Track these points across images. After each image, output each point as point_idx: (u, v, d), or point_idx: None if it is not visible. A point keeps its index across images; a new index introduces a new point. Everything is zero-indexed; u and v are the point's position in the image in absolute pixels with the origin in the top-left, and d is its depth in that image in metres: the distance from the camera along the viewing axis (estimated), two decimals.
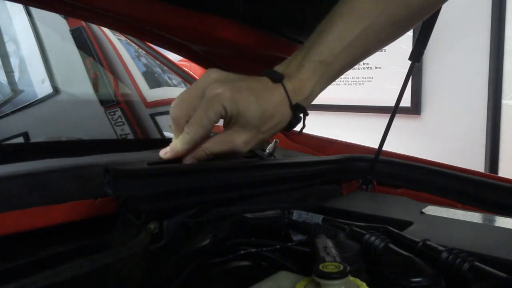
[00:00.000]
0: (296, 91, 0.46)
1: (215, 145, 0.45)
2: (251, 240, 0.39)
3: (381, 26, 0.47)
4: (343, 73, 0.49)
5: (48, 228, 0.31)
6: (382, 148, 0.64)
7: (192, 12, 0.53)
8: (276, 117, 0.46)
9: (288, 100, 0.46)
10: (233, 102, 0.43)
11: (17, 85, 1.03)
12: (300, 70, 0.47)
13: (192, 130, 0.43)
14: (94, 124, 0.97)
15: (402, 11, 0.47)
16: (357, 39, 0.46)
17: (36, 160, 0.39)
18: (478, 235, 0.44)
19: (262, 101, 0.44)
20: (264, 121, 0.45)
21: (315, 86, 0.47)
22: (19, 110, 0.96)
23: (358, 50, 0.47)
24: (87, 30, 1.20)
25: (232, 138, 0.45)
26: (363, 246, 0.36)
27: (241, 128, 0.45)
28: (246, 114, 0.44)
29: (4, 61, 1.05)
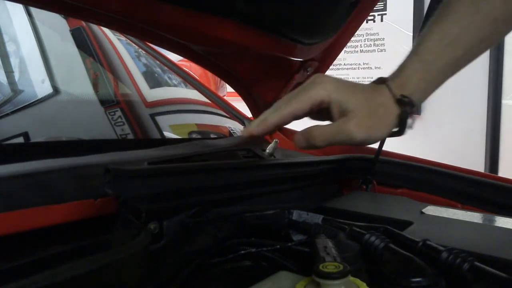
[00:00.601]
0: (399, 87, 0.47)
1: (324, 135, 0.44)
2: (251, 240, 0.39)
3: (480, 25, 0.48)
4: (451, 74, 0.49)
5: (48, 228, 0.31)
6: (382, 148, 0.64)
7: (192, 12, 0.53)
8: (382, 109, 0.46)
9: (391, 94, 0.46)
10: (337, 89, 0.44)
11: (17, 85, 1.03)
12: (401, 71, 0.48)
13: (290, 104, 0.44)
14: (94, 124, 0.97)
15: (499, 10, 0.48)
16: (456, 39, 0.47)
17: (36, 160, 0.39)
18: (478, 235, 0.44)
19: (367, 94, 0.46)
20: (371, 110, 0.45)
21: (419, 83, 0.47)
22: (19, 110, 0.95)
23: (460, 50, 0.48)
24: (87, 30, 1.20)
25: (341, 126, 0.44)
26: (363, 246, 0.36)
27: (351, 116, 0.44)
28: (350, 101, 0.44)
29: (4, 61, 1.05)
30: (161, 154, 0.50)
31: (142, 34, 0.65)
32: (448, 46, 0.47)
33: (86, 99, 1.05)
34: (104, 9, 0.51)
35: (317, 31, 0.65)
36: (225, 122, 1.04)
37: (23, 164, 0.37)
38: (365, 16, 0.69)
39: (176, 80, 1.40)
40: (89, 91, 1.07)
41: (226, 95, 1.71)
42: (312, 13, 0.60)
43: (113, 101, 1.05)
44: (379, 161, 0.63)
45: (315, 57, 0.73)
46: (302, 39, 0.64)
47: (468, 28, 0.47)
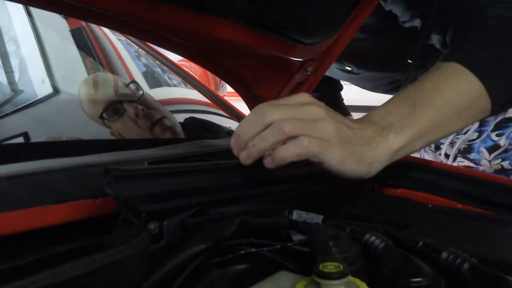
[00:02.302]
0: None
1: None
2: (251, 240, 0.39)
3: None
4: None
5: (48, 228, 0.31)
6: None
7: (192, 12, 0.53)
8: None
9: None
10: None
11: (17, 85, 1.03)
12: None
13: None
14: (94, 124, 0.97)
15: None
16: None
17: (36, 160, 0.39)
18: (478, 235, 0.44)
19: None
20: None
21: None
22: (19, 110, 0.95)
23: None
24: (87, 30, 1.20)
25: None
26: (363, 246, 0.36)
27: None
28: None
29: (4, 61, 1.05)
30: (161, 154, 0.50)
31: (142, 34, 0.65)
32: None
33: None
34: (104, 9, 0.51)
35: (317, 31, 0.65)
36: (225, 122, 1.04)
37: (23, 164, 0.37)
38: (365, 16, 0.69)
39: (176, 80, 1.40)
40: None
41: (226, 95, 1.72)
42: (312, 13, 0.60)
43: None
44: None
45: (315, 57, 0.73)
46: (302, 39, 0.64)
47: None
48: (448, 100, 0.54)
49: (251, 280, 0.31)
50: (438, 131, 0.54)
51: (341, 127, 0.46)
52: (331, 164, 0.44)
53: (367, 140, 0.48)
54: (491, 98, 0.57)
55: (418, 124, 0.52)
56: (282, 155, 0.42)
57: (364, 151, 0.47)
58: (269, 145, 0.42)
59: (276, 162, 0.42)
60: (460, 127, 0.58)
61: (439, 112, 0.53)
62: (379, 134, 0.49)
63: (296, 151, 0.42)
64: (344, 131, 0.46)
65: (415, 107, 0.52)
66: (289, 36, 0.62)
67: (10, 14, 1.10)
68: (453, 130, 0.57)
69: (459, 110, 0.55)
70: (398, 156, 0.51)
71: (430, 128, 0.52)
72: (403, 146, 0.51)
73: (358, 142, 0.47)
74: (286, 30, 0.61)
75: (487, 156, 0.92)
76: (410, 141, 0.51)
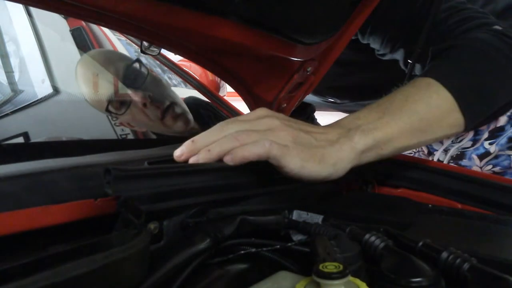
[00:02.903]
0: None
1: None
2: (251, 240, 0.39)
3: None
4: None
5: (48, 228, 0.31)
6: None
7: (192, 12, 0.53)
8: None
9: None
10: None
11: (17, 85, 1.03)
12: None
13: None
14: (94, 124, 0.97)
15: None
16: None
17: (36, 160, 0.39)
18: (478, 235, 0.44)
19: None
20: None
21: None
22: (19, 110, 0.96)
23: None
24: (87, 30, 1.20)
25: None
26: (363, 246, 0.36)
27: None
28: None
29: (4, 61, 1.05)
30: (161, 154, 0.50)
31: (142, 34, 0.65)
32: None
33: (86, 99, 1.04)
34: (104, 9, 0.51)
35: (317, 31, 0.64)
36: None
37: (23, 164, 0.37)
38: (365, 16, 0.69)
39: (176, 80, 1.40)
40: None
41: (226, 95, 1.72)
42: (312, 13, 0.60)
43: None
44: (379, 161, 0.63)
45: (315, 57, 0.73)
46: (302, 39, 0.64)
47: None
48: (417, 110, 0.55)
49: (251, 280, 0.31)
50: (406, 139, 0.54)
51: (297, 133, 0.47)
52: (291, 169, 0.45)
53: (330, 142, 0.49)
54: (463, 114, 0.57)
55: (385, 129, 0.52)
56: (243, 153, 0.43)
57: (326, 153, 0.48)
58: (223, 150, 0.44)
59: (236, 159, 0.43)
60: (430, 139, 0.58)
61: (407, 121, 0.54)
62: (344, 135, 0.51)
63: (256, 151, 0.43)
64: (301, 136, 0.48)
65: (384, 114, 0.54)
66: (289, 36, 0.62)
67: (10, 14, 1.10)
68: (423, 140, 0.57)
69: (428, 121, 0.56)
70: (366, 158, 0.52)
71: (397, 135, 0.53)
72: (369, 148, 0.51)
73: (319, 145, 0.48)
74: (286, 30, 0.61)
75: (478, 162, 0.95)
76: (376, 143, 0.52)
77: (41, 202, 0.31)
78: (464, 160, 0.97)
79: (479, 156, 0.94)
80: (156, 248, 0.36)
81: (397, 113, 0.54)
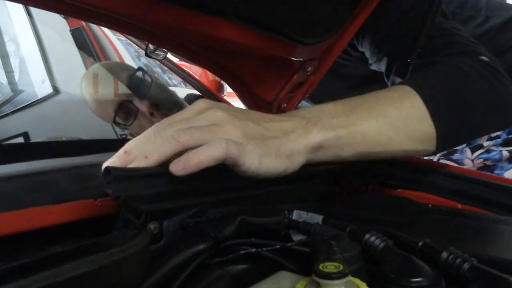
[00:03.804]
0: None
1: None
2: (251, 240, 0.39)
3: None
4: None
5: (48, 228, 0.31)
6: None
7: (192, 12, 0.53)
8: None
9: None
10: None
11: (17, 85, 1.03)
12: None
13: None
14: (94, 124, 0.97)
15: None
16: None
17: (36, 160, 0.39)
18: (478, 235, 0.44)
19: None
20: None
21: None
22: (19, 110, 0.96)
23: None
24: (87, 30, 1.20)
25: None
26: (363, 246, 0.36)
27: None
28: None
29: (4, 61, 1.05)
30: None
31: (142, 34, 0.65)
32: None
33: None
34: (104, 9, 0.51)
35: (317, 31, 0.65)
36: None
37: (23, 164, 0.37)
38: (365, 16, 0.69)
39: (176, 80, 1.40)
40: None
41: (226, 95, 1.71)
42: (312, 13, 0.60)
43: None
44: (379, 162, 0.63)
45: (315, 57, 0.73)
46: (302, 39, 0.64)
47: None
48: (386, 115, 0.52)
49: (251, 280, 0.31)
50: (370, 144, 0.51)
51: (246, 125, 0.43)
52: (248, 167, 0.40)
53: (284, 132, 0.45)
54: (435, 126, 0.54)
55: (349, 127, 0.49)
56: (198, 158, 0.36)
57: (280, 144, 0.44)
58: (163, 154, 0.37)
59: (189, 167, 0.36)
60: (395, 150, 0.53)
61: (373, 122, 0.51)
62: (302, 127, 0.47)
63: (213, 154, 0.37)
64: (251, 128, 0.43)
65: (351, 112, 0.50)
66: (289, 36, 0.62)
67: (10, 14, 1.10)
68: (388, 150, 0.53)
69: (396, 127, 0.52)
70: (324, 155, 0.49)
71: (361, 138, 0.50)
72: (328, 145, 0.48)
73: (272, 136, 0.44)
74: (286, 30, 0.61)
75: (470, 155, 0.95)
76: (337, 142, 0.48)
77: (41, 202, 0.31)
78: (456, 155, 0.97)
79: (471, 149, 0.95)
80: (156, 248, 0.36)
81: (364, 114, 0.51)
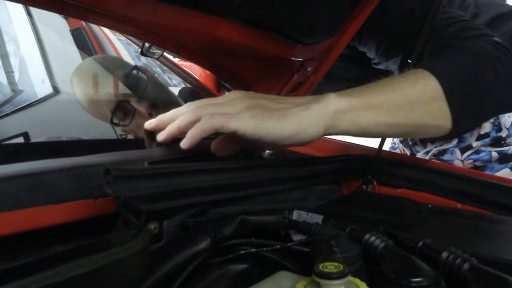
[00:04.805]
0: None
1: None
2: (251, 240, 0.39)
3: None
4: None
5: (48, 228, 0.31)
6: (382, 148, 0.64)
7: (192, 12, 0.53)
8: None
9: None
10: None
11: (17, 85, 1.03)
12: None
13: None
14: (94, 124, 0.97)
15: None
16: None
17: (36, 160, 0.39)
18: (478, 235, 0.44)
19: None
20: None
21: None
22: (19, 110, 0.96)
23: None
24: (87, 30, 1.20)
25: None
26: (363, 246, 0.36)
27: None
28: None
29: (4, 61, 1.05)
30: (161, 154, 0.50)
31: (142, 34, 0.65)
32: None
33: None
34: (104, 9, 0.51)
35: (317, 31, 0.65)
36: None
37: (23, 164, 0.37)
38: (365, 16, 0.69)
39: (176, 80, 1.40)
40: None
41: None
42: (312, 13, 0.60)
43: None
44: (379, 161, 0.63)
45: (315, 57, 0.73)
46: (302, 39, 0.64)
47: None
48: (400, 87, 0.53)
49: (251, 280, 0.31)
50: (385, 113, 0.51)
51: (254, 100, 0.48)
52: (245, 131, 0.45)
53: (296, 104, 0.48)
54: (448, 103, 0.55)
55: (363, 97, 0.51)
56: (192, 133, 0.46)
57: (289, 112, 0.47)
58: (183, 125, 0.47)
59: (189, 140, 0.46)
60: (411, 123, 0.54)
61: (388, 94, 0.52)
62: (315, 100, 0.49)
63: (201, 126, 0.45)
64: (259, 103, 0.48)
65: (365, 88, 0.53)
66: (289, 36, 0.62)
67: (10, 14, 1.10)
68: (403, 122, 0.53)
69: (410, 102, 0.53)
70: (341, 123, 0.49)
71: (376, 105, 0.51)
72: (343, 110, 0.49)
73: (281, 108, 0.47)
74: (286, 30, 0.61)
75: (460, 156, 0.95)
76: (352, 107, 0.49)
77: (41, 202, 0.31)
78: (446, 155, 0.98)
79: (461, 150, 0.95)
80: (156, 248, 0.36)
81: (378, 89, 0.53)
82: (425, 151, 1.02)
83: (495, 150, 0.90)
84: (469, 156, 0.93)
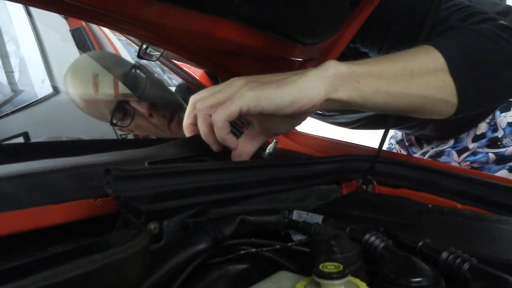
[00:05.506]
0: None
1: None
2: (251, 240, 0.39)
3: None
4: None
5: (48, 228, 0.31)
6: (382, 148, 0.64)
7: (192, 12, 0.53)
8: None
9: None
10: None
11: (17, 85, 1.03)
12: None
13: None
14: (94, 124, 0.97)
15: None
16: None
17: (36, 160, 0.39)
18: (478, 235, 0.44)
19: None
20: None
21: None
22: (19, 110, 0.96)
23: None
24: (87, 30, 1.20)
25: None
26: (363, 246, 0.36)
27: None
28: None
29: (4, 61, 1.05)
30: (161, 154, 0.50)
31: (142, 34, 0.65)
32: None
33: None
34: (104, 9, 0.51)
35: (317, 31, 0.65)
36: None
37: (23, 164, 0.37)
38: (365, 16, 0.69)
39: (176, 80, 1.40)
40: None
41: None
42: (312, 13, 0.60)
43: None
44: (379, 161, 0.63)
45: (314, 57, 0.73)
46: (302, 39, 0.64)
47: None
48: (402, 59, 0.53)
49: (251, 280, 0.31)
50: (386, 82, 0.51)
51: (253, 77, 0.50)
52: (248, 105, 0.46)
53: (294, 73, 0.50)
54: (452, 76, 0.54)
55: (364, 65, 0.51)
56: (218, 136, 0.49)
57: (287, 80, 0.48)
58: (206, 106, 0.50)
59: (216, 146, 0.52)
60: (413, 93, 0.53)
61: (388, 64, 0.52)
62: (314, 68, 0.50)
63: (218, 128, 0.48)
64: (256, 79, 0.49)
65: (366, 60, 0.53)
66: (289, 36, 0.62)
67: (10, 14, 1.10)
68: (404, 91, 0.52)
69: (411, 71, 0.52)
70: (342, 88, 0.49)
71: (376, 73, 0.51)
72: (343, 75, 0.49)
73: (279, 79, 0.48)
74: (286, 30, 0.61)
75: (456, 158, 0.95)
76: (352, 73, 0.49)
77: (41, 202, 0.31)
78: (443, 157, 0.97)
79: (458, 152, 0.95)
80: (156, 248, 0.36)
81: (378, 59, 0.54)
82: (421, 152, 1.02)
83: (492, 152, 0.90)
84: (466, 158, 0.93)
